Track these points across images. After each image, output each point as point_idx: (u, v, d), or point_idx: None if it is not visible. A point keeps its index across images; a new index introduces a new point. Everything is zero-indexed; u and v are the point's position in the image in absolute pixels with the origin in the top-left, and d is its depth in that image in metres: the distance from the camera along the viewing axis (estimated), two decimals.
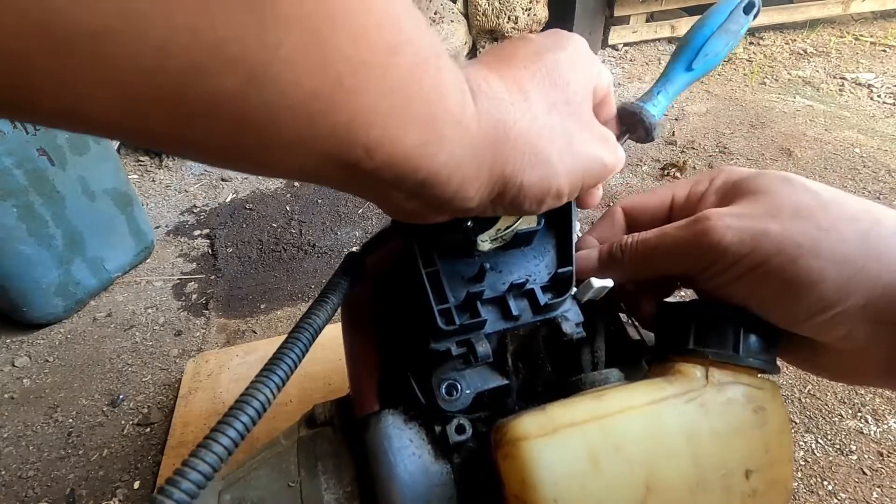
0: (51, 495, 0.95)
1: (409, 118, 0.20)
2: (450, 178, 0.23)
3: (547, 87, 0.27)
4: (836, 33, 2.58)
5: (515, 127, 0.25)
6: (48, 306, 1.22)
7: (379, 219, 1.58)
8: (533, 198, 0.27)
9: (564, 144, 0.27)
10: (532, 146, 0.25)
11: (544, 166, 0.26)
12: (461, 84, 0.23)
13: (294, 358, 0.29)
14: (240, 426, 0.24)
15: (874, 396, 1.06)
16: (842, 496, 0.92)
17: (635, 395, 0.31)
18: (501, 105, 0.25)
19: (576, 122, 0.28)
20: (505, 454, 0.29)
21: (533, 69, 0.27)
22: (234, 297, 1.34)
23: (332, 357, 0.99)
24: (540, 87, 0.27)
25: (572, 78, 0.28)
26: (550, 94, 0.27)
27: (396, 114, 0.19)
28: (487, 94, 0.24)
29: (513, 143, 0.25)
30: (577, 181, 0.28)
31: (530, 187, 0.26)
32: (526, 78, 0.27)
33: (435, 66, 0.20)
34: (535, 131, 0.26)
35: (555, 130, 0.27)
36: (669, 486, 0.29)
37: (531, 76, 0.27)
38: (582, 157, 0.28)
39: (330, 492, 0.38)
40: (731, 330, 0.32)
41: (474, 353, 0.34)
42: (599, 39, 2.45)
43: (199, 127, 0.16)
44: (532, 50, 0.28)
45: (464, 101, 0.23)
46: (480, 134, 0.23)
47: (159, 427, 1.05)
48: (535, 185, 0.26)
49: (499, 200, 0.26)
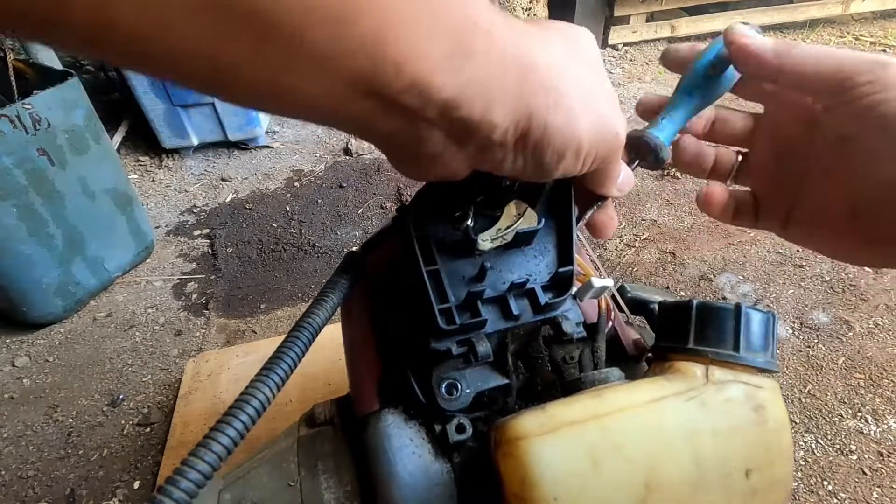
0: (51, 495, 0.95)
1: (436, 27, 0.19)
2: (475, 97, 0.22)
3: (569, 50, 0.27)
4: (836, 33, 2.58)
5: (540, 63, 0.24)
6: (48, 306, 1.22)
7: (379, 219, 1.58)
8: (556, 146, 0.25)
9: (587, 96, 0.26)
10: (556, 86, 0.25)
11: (568, 111, 0.25)
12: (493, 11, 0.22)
13: (293, 358, 0.29)
14: (239, 426, 0.24)
15: (874, 397, 1.06)
16: (842, 496, 0.92)
17: (635, 393, 0.31)
18: (527, 45, 0.24)
19: (597, 83, 0.27)
20: (505, 453, 0.29)
21: (559, 35, 0.27)
22: (234, 297, 1.34)
23: (332, 357, 0.99)
24: (562, 46, 0.26)
25: (593, 58, 0.28)
26: (572, 56, 0.27)
27: (423, 22, 0.19)
28: (513, 30, 0.23)
29: (538, 76, 0.24)
30: (595, 143, 0.27)
31: (554, 131, 0.25)
32: (551, 37, 0.26)
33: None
34: (558, 73, 0.25)
35: (578, 81, 0.26)
36: (669, 484, 0.29)
37: (557, 38, 0.27)
38: (603, 117, 0.27)
39: (330, 491, 0.38)
40: (731, 329, 0.32)
41: (475, 352, 0.34)
42: (599, 39, 2.45)
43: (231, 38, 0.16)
44: (553, 26, 0.28)
45: (491, 16, 0.22)
46: (507, 54, 0.22)
47: (159, 427, 1.05)
48: (559, 129, 0.25)
49: (522, 142, 0.25)
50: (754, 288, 1.32)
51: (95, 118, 1.24)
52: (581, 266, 0.46)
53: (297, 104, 0.20)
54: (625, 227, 1.52)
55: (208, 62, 0.17)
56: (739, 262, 1.39)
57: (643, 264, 1.40)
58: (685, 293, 1.31)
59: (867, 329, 1.20)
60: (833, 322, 1.22)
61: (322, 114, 0.21)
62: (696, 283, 1.34)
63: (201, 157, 1.83)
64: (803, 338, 1.19)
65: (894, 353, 1.14)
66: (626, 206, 1.59)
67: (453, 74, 0.20)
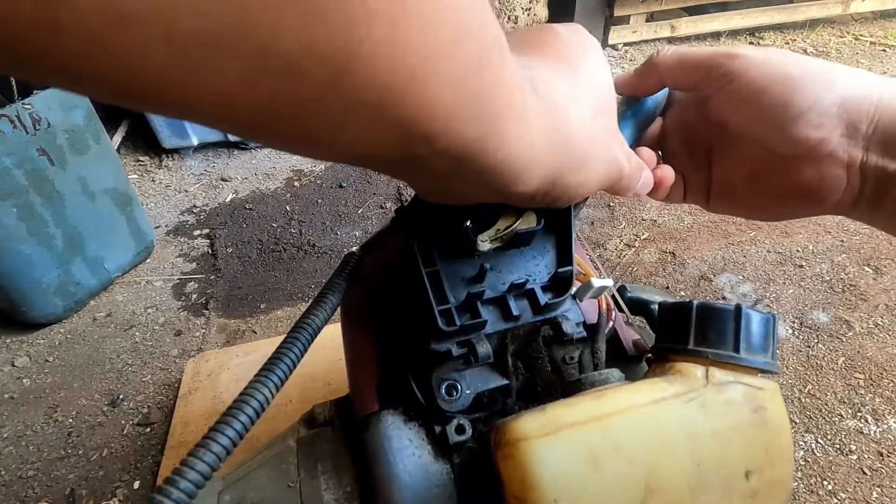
0: (51, 495, 0.95)
1: (471, 111, 0.19)
2: (506, 171, 0.23)
3: (589, 91, 0.28)
4: (836, 33, 2.58)
5: (570, 133, 0.25)
6: (48, 306, 1.22)
7: (379, 219, 1.58)
8: (569, 197, 0.28)
9: (604, 151, 0.28)
10: (583, 152, 0.26)
11: (587, 171, 0.27)
12: (522, 79, 0.23)
13: (293, 358, 0.29)
14: (238, 426, 0.24)
15: (874, 396, 1.06)
16: (841, 496, 0.92)
17: (635, 395, 0.31)
18: (557, 110, 0.25)
19: (612, 129, 0.29)
20: (505, 454, 0.29)
21: (574, 69, 0.28)
22: (234, 297, 1.34)
23: (332, 357, 0.99)
24: (585, 92, 0.27)
25: (605, 82, 0.29)
26: (594, 99, 0.28)
27: (458, 106, 0.19)
28: (544, 97, 0.24)
29: (566, 147, 0.25)
30: (602, 185, 0.30)
31: (575, 188, 0.27)
32: (573, 79, 0.27)
33: (499, 58, 0.20)
34: (586, 137, 0.26)
35: (598, 137, 0.28)
36: (669, 486, 0.29)
37: (574, 77, 0.27)
38: (611, 164, 0.29)
39: (329, 492, 0.38)
40: (732, 330, 0.32)
41: (475, 353, 0.34)
42: (599, 39, 2.45)
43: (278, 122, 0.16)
44: (566, 50, 0.28)
45: (524, 96, 0.22)
46: (540, 135, 0.23)
47: (159, 427, 1.05)
48: (578, 186, 0.27)
49: (544, 195, 0.27)
50: (754, 288, 1.32)
51: (95, 118, 1.24)
52: (580, 266, 0.46)
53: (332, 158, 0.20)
54: (625, 227, 1.52)
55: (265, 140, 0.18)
56: (739, 262, 1.39)
57: (643, 264, 1.40)
58: (685, 293, 1.31)
59: (867, 329, 1.20)
60: (833, 322, 1.22)
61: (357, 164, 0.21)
62: (696, 283, 1.34)
63: (201, 157, 1.83)
64: (803, 338, 1.19)
65: (894, 353, 1.14)
66: (626, 206, 1.59)
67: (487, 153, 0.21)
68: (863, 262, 1.36)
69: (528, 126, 0.23)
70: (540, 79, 0.25)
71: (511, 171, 0.23)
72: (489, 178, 0.23)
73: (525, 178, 0.24)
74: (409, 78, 0.16)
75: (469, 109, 0.19)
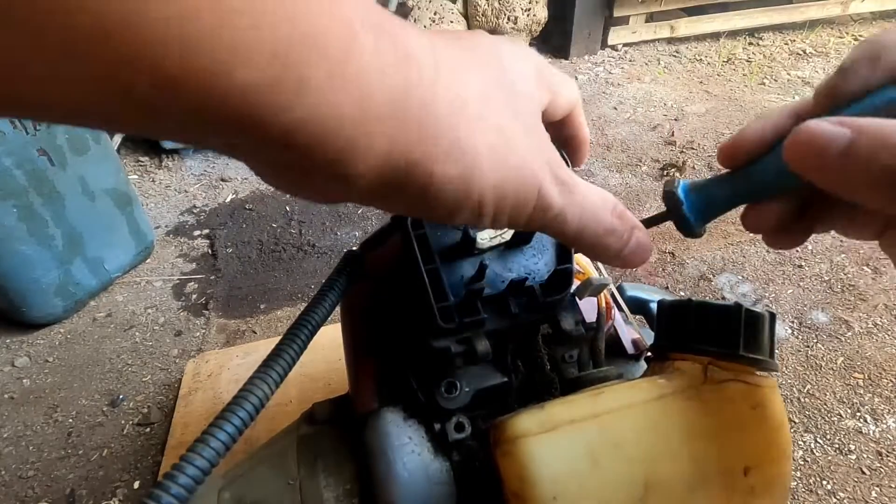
0: (51, 495, 0.95)
1: (231, 40, 0.13)
2: (320, 141, 0.17)
3: (490, 81, 0.22)
4: (836, 34, 2.58)
5: (436, 101, 0.19)
6: (48, 306, 1.22)
7: (379, 218, 1.58)
8: (445, 201, 0.20)
9: (500, 143, 0.21)
10: (455, 132, 0.19)
11: (467, 163, 0.20)
12: (352, 9, 0.16)
13: (292, 355, 0.29)
14: (237, 422, 0.24)
15: (873, 396, 1.06)
16: (841, 495, 0.92)
17: (634, 392, 0.31)
18: (419, 68, 0.18)
19: (518, 128, 0.22)
20: (504, 452, 0.29)
21: (480, 58, 0.22)
22: (234, 298, 1.34)
23: (332, 357, 0.99)
24: (481, 76, 0.21)
25: (521, 86, 0.23)
26: (492, 88, 0.22)
27: (202, 34, 0.13)
28: (398, 46, 0.18)
29: (427, 120, 0.19)
30: (506, 199, 0.22)
31: (443, 185, 0.20)
32: (466, 58, 0.21)
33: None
34: (463, 115, 0.20)
35: (488, 124, 0.21)
36: (668, 483, 0.29)
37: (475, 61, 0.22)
38: (520, 170, 0.21)
39: (329, 489, 0.38)
40: (731, 328, 0.32)
41: (474, 351, 0.34)
42: (599, 40, 2.45)
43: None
44: (485, 47, 0.23)
45: (354, 35, 0.16)
46: (378, 94, 0.17)
47: (159, 427, 1.05)
48: (452, 182, 0.20)
49: (398, 191, 0.20)
50: (753, 288, 1.32)
51: None
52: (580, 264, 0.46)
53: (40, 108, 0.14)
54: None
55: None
56: (738, 262, 1.39)
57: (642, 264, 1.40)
58: (684, 293, 1.31)
59: (866, 329, 1.20)
60: (832, 322, 1.22)
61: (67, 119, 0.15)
62: (696, 283, 1.34)
63: (201, 158, 1.83)
64: (802, 337, 1.19)
65: (893, 353, 1.14)
66: (626, 205, 1.58)
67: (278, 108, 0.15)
68: (862, 263, 1.36)
69: (356, 75, 0.16)
70: (395, 24, 0.18)
71: (328, 141, 0.17)
72: (294, 151, 0.17)
73: (356, 153, 0.17)
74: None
75: (236, 40, 0.14)
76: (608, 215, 0.26)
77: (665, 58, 2.43)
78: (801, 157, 0.21)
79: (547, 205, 0.23)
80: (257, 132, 0.16)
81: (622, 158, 1.78)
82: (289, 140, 0.16)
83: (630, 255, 0.27)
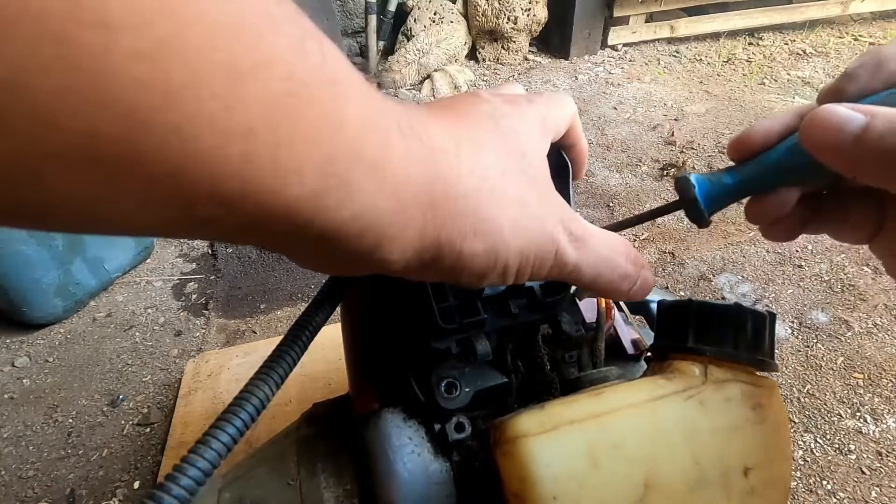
0: (51, 495, 0.95)
1: (287, 164, 0.15)
2: (362, 234, 0.19)
3: (501, 153, 0.23)
4: (836, 34, 2.58)
5: (460, 184, 0.21)
6: (48, 306, 1.22)
7: None
8: (474, 271, 0.23)
9: (519, 214, 0.23)
10: (479, 210, 0.21)
11: (492, 236, 0.22)
12: (382, 121, 0.19)
13: (293, 356, 0.29)
14: (239, 423, 0.24)
15: (873, 396, 1.06)
16: (840, 495, 0.92)
17: (634, 393, 0.31)
18: (444, 156, 0.21)
19: (532, 194, 0.24)
20: (504, 452, 0.29)
21: (486, 130, 0.24)
22: (234, 297, 1.34)
23: (332, 357, 0.99)
24: (493, 149, 0.23)
25: (530, 150, 0.25)
26: (504, 160, 0.23)
27: (261, 162, 0.15)
28: (424, 141, 0.20)
29: (454, 203, 0.21)
30: (528, 261, 0.24)
31: (472, 258, 0.22)
32: (478, 136, 0.23)
33: (329, 94, 0.16)
34: (485, 194, 0.22)
35: (508, 197, 0.22)
36: (668, 483, 0.29)
37: (485, 135, 0.23)
38: (538, 234, 0.24)
39: (329, 490, 0.38)
40: (731, 328, 0.32)
41: (474, 351, 0.34)
42: (599, 40, 2.46)
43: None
44: (487, 112, 0.25)
45: (387, 144, 0.18)
46: (410, 188, 0.19)
47: (159, 427, 1.05)
48: (479, 256, 0.22)
49: (431, 266, 0.22)
50: (753, 288, 1.32)
51: None
52: None
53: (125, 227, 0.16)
54: None
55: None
56: (738, 262, 1.39)
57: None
58: (684, 293, 1.31)
59: (866, 329, 1.20)
60: (832, 322, 1.22)
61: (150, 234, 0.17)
62: (696, 283, 1.34)
63: None
64: (802, 337, 1.19)
65: (893, 353, 1.14)
66: (626, 206, 1.59)
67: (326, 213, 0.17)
68: (862, 262, 1.37)
69: (393, 174, 0.18)
70: (419, 121, 0.21)
71: (369, 233, 0.19)
72: (340, 245, 0.19)
73: (393, 241, 0.20)
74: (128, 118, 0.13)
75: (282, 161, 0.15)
76: (622, 262, 0.28)
77: (665, 58, 2.43)
78: (818, 138, 0.22)
79: (563, 262, 0.25)
80: (305, 233, 0.17)
81: (622, 158, 1.78)
82: (333, 237, 0.18)
83: (636, 292, 0.29)
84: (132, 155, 0.13)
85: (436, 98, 2.17)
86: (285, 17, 0.15)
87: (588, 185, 1.67)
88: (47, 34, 0.11)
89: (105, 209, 0.14)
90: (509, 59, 2.43)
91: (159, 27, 0.12)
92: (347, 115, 0.17)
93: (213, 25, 0.13)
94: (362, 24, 2.32)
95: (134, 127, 0.12)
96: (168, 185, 0.14)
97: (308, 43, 0.16)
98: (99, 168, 0.13)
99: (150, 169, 0.13)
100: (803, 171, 0.26)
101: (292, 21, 0.16)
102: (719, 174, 0.30)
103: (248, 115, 0.14)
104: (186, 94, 0.13)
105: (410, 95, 2.21)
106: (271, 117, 0.15)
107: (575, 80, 2.29)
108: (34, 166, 0.12)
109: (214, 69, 0.13)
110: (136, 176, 0.13)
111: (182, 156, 0.13)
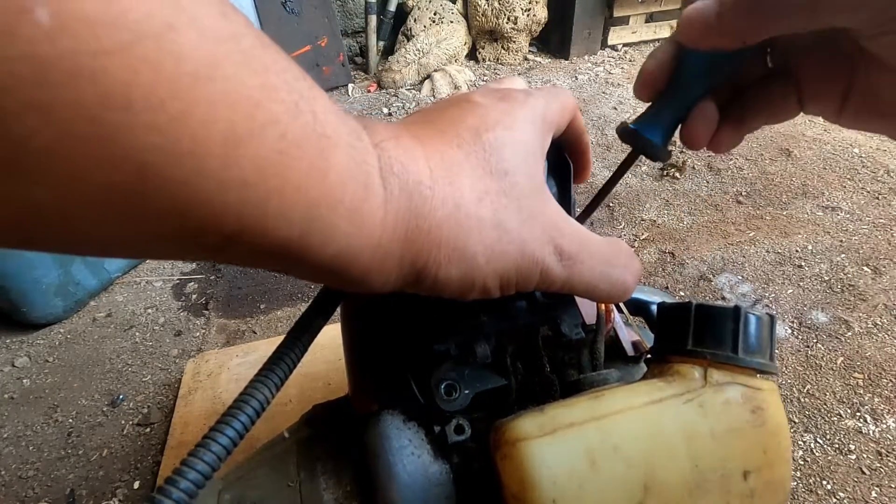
0: (51, 495, 0.95)
1: (277, 210, 0.17)
2: (346, 268, 0.21)
3: (480, 174, 0.24)
4: None
5: (433, 216, 0.22)
6: (48, 306, 1.22)
7: None
8: (452, 291, 0.24)
9: (493, 240, 0.23)
10: (451, 241, 0.22)
11: (465, 263, 0.23)
12: (363, 166, 0.20)
13: (293, 357, 0.29)
14: (239, 426, 0.24)
15: (873, 396, 1.06)
16: (840, 495, 0.92)
17: (634, 395, 0.31)
18: (418, 193, 0.22)
19: (513, 215, 0.24)
20: (503, 454, 0.29)
21: (468, 149, 0.24)
22: (234, 297, 1.34)
23: (332, 357, 0.99)
24: (472, 172, 0.24)
25: (513, 165, 0.25)
26: (483, 181, 0.24)
27: (254, 207, 0.17)
28: (402, 179, 0.21)
29: (426, 235, 0.22)
30: (509, 281, 0.25)
31: (447, 283, 0.23)
32: (457, 159, 0.23)
33: (317, 148, 0.18)
34: (456, 223, 0.22)
35: (483, 223, 0.23)
36: (667, 486, 0.29)
37: (464, 157, 0.24)
38: (517, 257, 0.24)
39: (329, 492, 0.38)
40: (730, 330, 0.32)
41: (473, 353, 0.34)
42: (599, 40, 2.46)
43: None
44: (472, 124, 0.25)
45: (367, 186, 0.20)
46: (388, 226, 0.21)
47: (159, 427, 1.05)
48: (454, 281, 0.23)
49: (414, 287, 0.24)
50: (753, 288, 1.32)
51: None
52: None
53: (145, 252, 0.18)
54: (624, 227, 1.52)
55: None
56: (738, 263, 1.39)
57: (642, 264, 1.40)
58: (684, 293, 1.31)
59: (866, 329, 1.20)
60: (832, 322, 1.22)
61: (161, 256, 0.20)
62: (696, 284, 1.34)
63: None
64: (802, 338, 1.19)
65: (893, 353, 1.14)
66: (626, 206, 1.59)
67: (312, 251, 0.19)
68: (862, 262, 1.37)
69: (371, 215, 0.20)
70: (402, 160, 0.22)
71: (352, 267, 0.21)
72: (329, 274, 0.21)
73: (372, 272, 0.22)
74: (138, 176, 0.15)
75: (272, 209, 0.17)
76: (617, 273, 0.28)
77: None
78: (693, 33, 0.26)
79: (550, 280, 0.26)
80: (300, 265, 0.20)
81: (622, 158, 1.78)
82: (322, 269, 0.20)
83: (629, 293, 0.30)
84: (142, 199, 0.15)
85: (435, 98, 2.17)
86: (282, 84, 0.17)
87: (588, 185, 1.67)
88: (80, 118, 0.13)
89: (125, 241, 0.17)
90: (509, 60, 2.42)
91: (170, 107, 0.14)
92: (332, 165, 0.19)
93: (214, 102, 0.15)
94: (362, 24, 2.32)
95: (146, 179, 0.15)
96: (176, 222, 0.16)
97: (302, 104, 0.18)
98: (117, 210, 0.15)
99: (159, 210, 0.16)
100: (707, 73, 0.29)
101: (289, 87, 0.18)
102: (646, 113, 0.32)
103: (242, 171, 0.16)
104: (191, 156, 0.15)
105: (410, 95, 2.20)
106: (264, 172, 0.17)
107: (575, 80, 2.29)
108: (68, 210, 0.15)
109: (214, 136, 0.16)
110: (147, 215, 0.16)
111: (186, 201, 0.16)
